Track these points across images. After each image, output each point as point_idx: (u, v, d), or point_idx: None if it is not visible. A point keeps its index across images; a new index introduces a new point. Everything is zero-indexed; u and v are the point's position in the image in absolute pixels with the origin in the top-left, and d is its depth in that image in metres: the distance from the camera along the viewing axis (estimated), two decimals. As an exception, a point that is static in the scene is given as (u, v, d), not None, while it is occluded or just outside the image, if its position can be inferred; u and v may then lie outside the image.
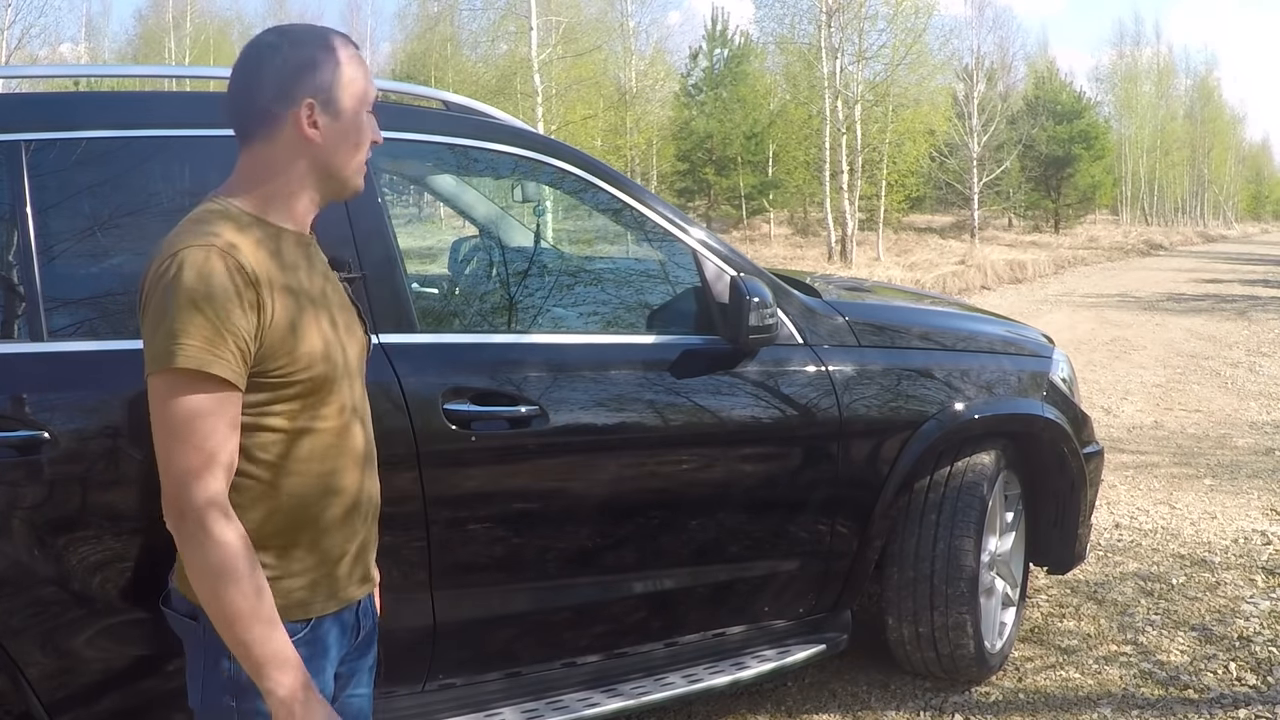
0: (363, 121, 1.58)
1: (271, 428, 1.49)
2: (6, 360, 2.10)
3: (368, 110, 1.58)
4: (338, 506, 1.56)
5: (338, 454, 1.55)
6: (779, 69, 30.29)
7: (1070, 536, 3.55)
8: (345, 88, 1.55)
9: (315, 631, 1.55)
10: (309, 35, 1.56)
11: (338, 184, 1.59)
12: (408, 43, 36.47)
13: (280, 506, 1.51)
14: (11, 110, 2.35)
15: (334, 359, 1.54)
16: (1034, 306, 15.27)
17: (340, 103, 1.54)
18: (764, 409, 2.82)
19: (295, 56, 1.53)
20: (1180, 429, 7.28)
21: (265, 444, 1.49)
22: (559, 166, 2.75)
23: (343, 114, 1.55)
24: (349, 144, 1.56)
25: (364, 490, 1.61)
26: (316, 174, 1.56)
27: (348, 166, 1.58)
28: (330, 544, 1.56)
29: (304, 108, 1.52)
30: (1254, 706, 3.23)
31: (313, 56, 1.53)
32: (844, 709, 3.23)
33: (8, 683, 2.08)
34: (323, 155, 1.55)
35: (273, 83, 1.51)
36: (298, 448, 1.51)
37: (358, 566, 1.62)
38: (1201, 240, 43.88)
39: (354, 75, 1.56)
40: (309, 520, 1.54)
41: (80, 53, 35.36)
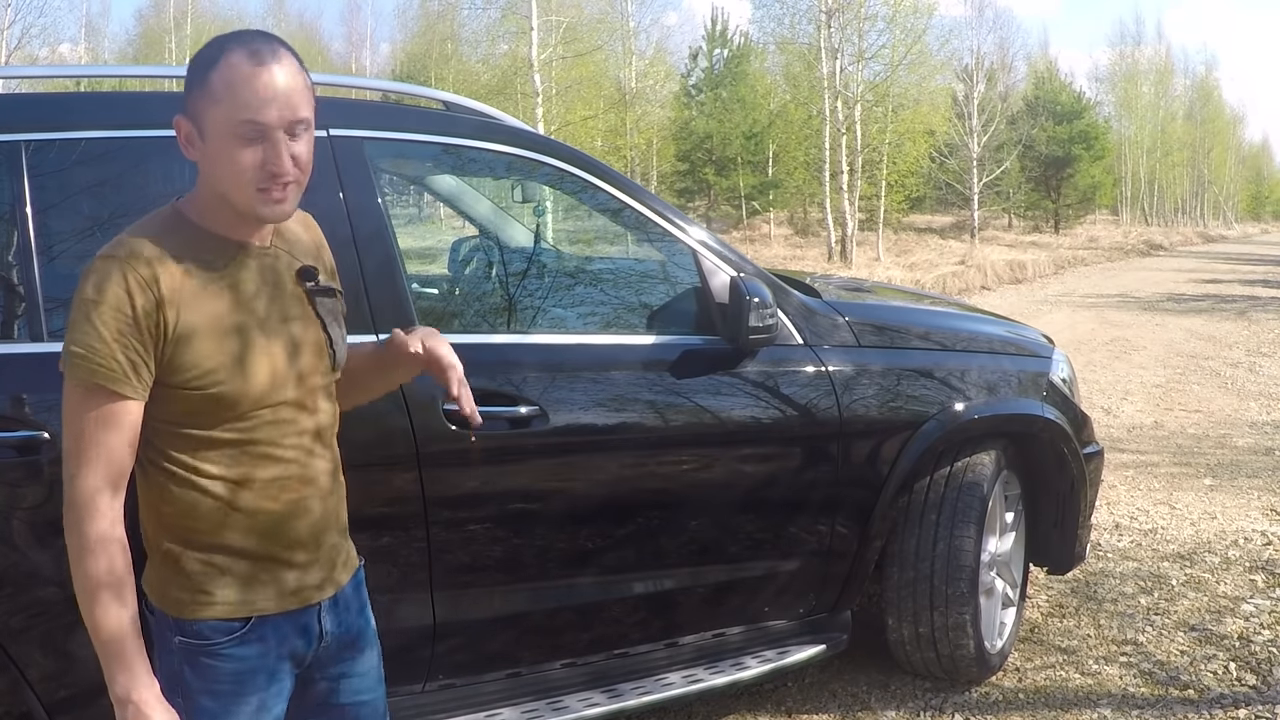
0: (234, 153, 1.43)
1: (188, 435, 1.50)
2: (6, 360, 2.10)
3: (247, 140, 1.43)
4: (272, 517, 1.55)
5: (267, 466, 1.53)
6: (779, 69, 30.33)
7: (1070, 537, 3.55)
8: (210, 111, 1.43)
9: (257, 630, 1.55)
10: (210, 47, 1.47)
11: (239, 209, 1.49)
12: (408, 43, 36.51)
13: (201, 508, 1.51)
14: (11, 110, 2.35)
15: (246, 378, 1.49)
16: (1034, 307, 15.27)
17: (205, 126, 1.45)
18: (764, 409, 2.82)
19: (190, 65, 1.47)
20: (1180, 429, 7.28)
21: (184, 448, 1.50)
22: (558, 167, 2.75)
23: (208, 138, 1.45)
24: (221, 172, 1.46)
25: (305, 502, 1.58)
26: (215, 193, 1.49)
27: (233, 196, 1.47)
28: (269, 548, 1.55)
29: (179, 125, 1.48)
30: (1254, 706, 3.23)
31: (194, 71, 1.45)
32: (844, 709, 3.23)
33: (8, 683, 2.08)
34: (207, 175, 1.49)
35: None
36: (220, 456, 1.51)
37: (313, 570, 1.60)
38: (1201, 240, 43.87)
39: (224, 99, 1.42)
40: (242, 524, 1.53)
41: (80, 53, 35.36)
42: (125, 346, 1.41)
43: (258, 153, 1.44)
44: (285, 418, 1.54)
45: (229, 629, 1.53)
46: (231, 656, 1.53)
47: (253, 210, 1.48)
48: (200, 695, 1.53)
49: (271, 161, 1.44)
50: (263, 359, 1.51)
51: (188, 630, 1.52)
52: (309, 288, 1.60)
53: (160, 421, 1.49)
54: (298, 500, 1.57)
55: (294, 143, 1.46)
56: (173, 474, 1.51)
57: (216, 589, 1.52)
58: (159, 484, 1.52)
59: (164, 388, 1.46)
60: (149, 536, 1.55)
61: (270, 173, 1.45)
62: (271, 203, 1.47)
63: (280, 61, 1.45)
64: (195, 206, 1.52)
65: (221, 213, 1.51)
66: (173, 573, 1.53)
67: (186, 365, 1.46)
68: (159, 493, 1.52)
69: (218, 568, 1.53)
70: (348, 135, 2.43)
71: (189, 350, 1.46)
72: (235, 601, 1.53)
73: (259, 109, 1.42)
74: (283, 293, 1.57)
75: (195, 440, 1.50)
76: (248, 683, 1.54)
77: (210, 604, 1.52)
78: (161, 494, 1.52)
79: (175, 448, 1.50)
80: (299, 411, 1.56)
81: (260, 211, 1.48)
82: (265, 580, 1.55)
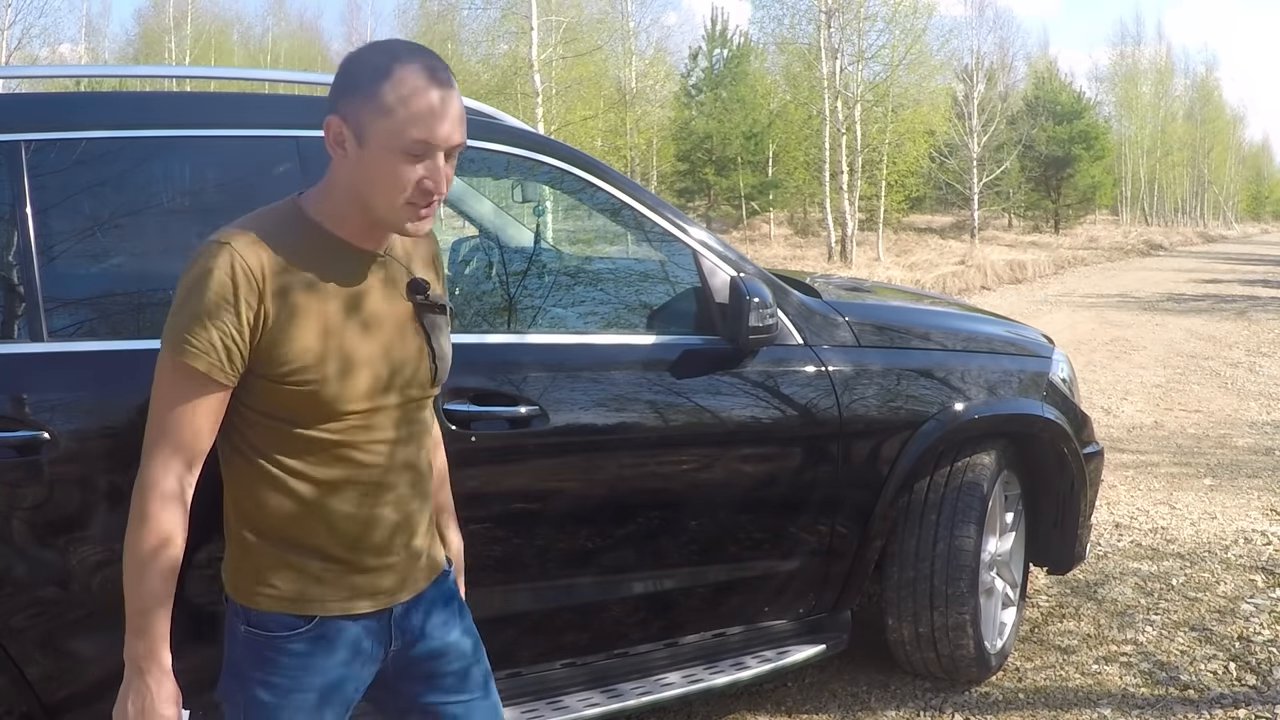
0: (396, 167, 1.44)
1: (283, 430, 1.51)
2: (6, 360, 2.10)
3: (414, 157, 1.44)
4: (353, 521, 1.56)
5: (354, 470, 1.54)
6: (779, 69, 30.31)
7: (1070, 537, 3.55)
8: (377, 120, 1.43)
9: (320, 629, 1.55)
10: (379, 54, 1.46)
11: (376, 217, 1.50)
12: (408, 43, 36.40)
13: (284, 504, 1.53)
14: (11, 110, 2.35)
15: (341, 381, 1.50)
16: (1034, 307, 15.27)
17: (367, 134, 1.44)
18: (764, 409, 2.82)
19: (349, 68, 1.47)
20: (1180, 429, 7.28)
21: (277, 443, 1.52)
22: (558, 166, 2.75)
23: (367, 145, 1.44)
24: (374, 182, 1.46)
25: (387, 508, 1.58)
26: (353, 199, 1.50)
27: (378, 205, 1.47)
28: (342, 551, 1.56)
29: (331, 123, 1.47)
30: (1254, 706, 3.23)
31: (360, 75, 1.45)
32: (844, 709, 3.23)
33: (8, 683, 2.08)
34: (351, 180, 1.48)
35: (332, 87, 1.49)
36: (311, 455, 1.52)
37: (386, 575, 1.60)
38: (1201, 240, 43.87)
39: (397, 113, 1.42)
40: (318, 524, 1.54)
41: (80, 53, 35.36)
42: (222, 332, 1.43)
43: (418, 170, 1.45)
44: (378, 424, 1.55)
45: (292, 624, 1.54)
46: (292, 652, 1.54)
47: (397, 223, 1.49)
48: (256, 686, 1.55)
49: (432, 181, 1.46)
50: (363, 365, 1.52)
51: (253, 619, 1.55)
52: (417, 300, 1.60)
53: (252, 412, 1.50)
54: (376, 506, 1.57)
55: (447, 165, 1.48)
56: (257, 466, 1.52)
57: (285, 583, 1.54)
58: (242, 474, 1.54)
59: (260, 379, 1.48)
60: (229, 524, 1.58)
61: (426, 190, 1.46)
62: (418, 219, 1.49)
63: (453, 85, 1.48)
64: (319, 206, 1.53)
65: (351, 217, 1.51)
66: (245, 562, 1.55)
67: (284, 359, 1.47)
68: (240, 483, 1.54)
69: (288, 563, 1.54)
70: (348, 135, 2.42)
71: (289, 345, 1.47)
72: (302, 598, 1.55)
73: (433, 130, 1.43)
74: (391, 302, 1.57)
75: (284, 436, 1.51)
76: (304, 679, 1.55)
77: (277, 597, 1.54)
78: (243, 485, 1.54)
79: (263, 441, 1.52)
80: (393, 420, 1.57)
81: (405, 226, 1.49)
82: (334, 581, 1.56)
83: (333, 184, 1.52)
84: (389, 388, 1.55)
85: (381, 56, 1.45)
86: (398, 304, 1.58)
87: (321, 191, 1.54)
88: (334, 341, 1.50)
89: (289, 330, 1.47)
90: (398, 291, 1.58)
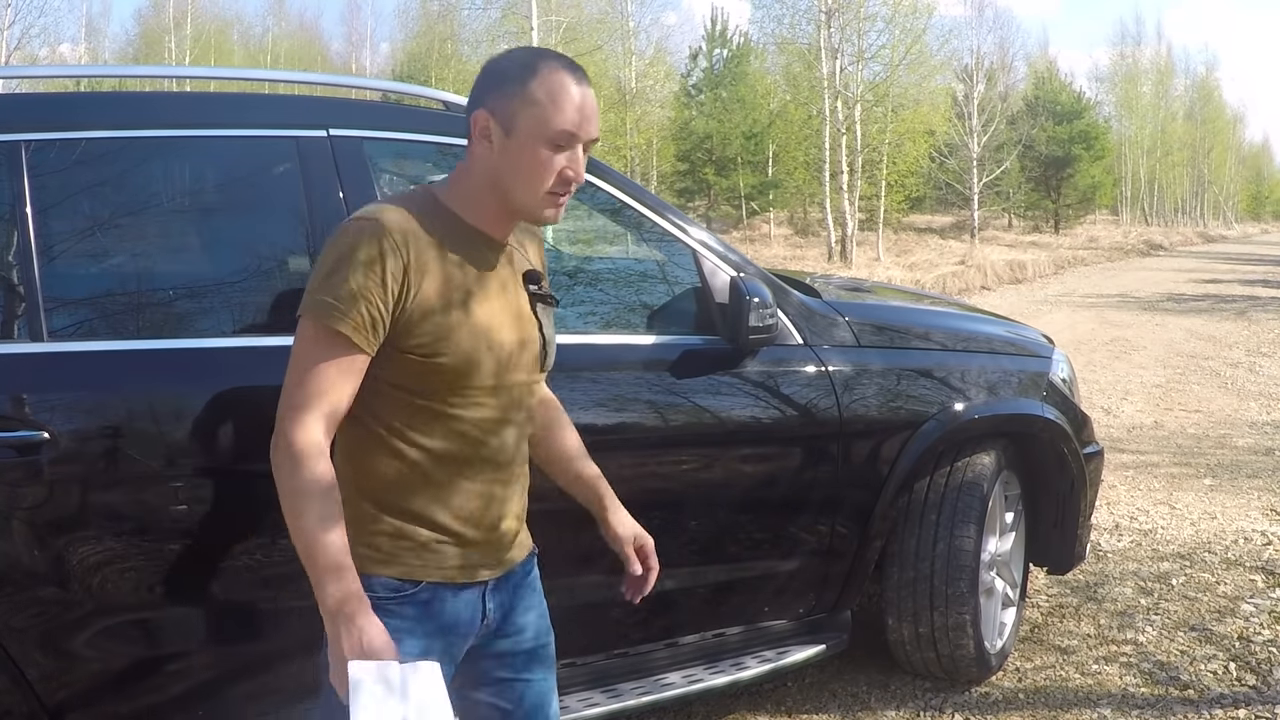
0: (540, 155, 1.56)
1: (406, 401, 1.59)
2: (6, 360, 2.10)
3: (557, 146, 1.56)
4: (462, 493, 1.64)
5: (468, 445, 1.62)
6: (779, 69, 30.31)
7: (1070, 537, 3.55)
8: (525, 111, 1.55)
9: (426, 595, 1.62)
10: (526, 55, 1.60)
11: (516, 206, 1.61)
12: (408, 43, 36.48)
13: (399, 472, 1.60)
14: (11, 110, 2.35)
15: (471, 361, 1.59)
16: (1034, 307, 15.27)
17: (515, 125, 1.55)
18: (764, 409, 2.82)
19: (498, 67, 1.60)
20: (1180, 429, 7.28)
21: (399, 413, 1.59)
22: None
23: (515, 135, 1.56)
24: (519, 170, 1.57)
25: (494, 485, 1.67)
26: (494, 188, 1.60)
27: (521, 193, 1.59)
28: (450, 522, 1.63)
29: (479, 117, 1.58)
30: (1254, 706, 3.23)
31: (510, 71, 1.57)
32: (844, 709, 3.23)
33: (8, 683, 2.08)
34: (495, 171, 1.59)
35: (474, 87, 1.61)
36: (429, 427, 1.60)
37: (485, 550, 1.68)
38: (1201, 240, 43.88)
39: (545, 105, 1.54)
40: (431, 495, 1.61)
41: (80, 53, 35.37)
42: (369, 303, 1.51)
43: (560, 159, 1.57)
44: (494, 404, 1.64)
45: (399, 588, 1.60)
46: (397, 614, 1.58)
47: (536, 211, 1.60)
48: None
49: (573, 170, 1.59)
50: (489, 346, 1.61)
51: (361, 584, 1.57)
52: (532, 290, 1.71)
53: (380, 382, 1.57)
54: (483, 482, 1.66)
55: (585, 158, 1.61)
56: (376, 434, 1.60)
57: (394, 548, 1.60)
58: (360, 441, 1.61)
59: (395, 350, 1.56)
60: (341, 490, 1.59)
61: (567, 179, 1.58)
62: (555, 207, 1.61)
63: (590, 84, 1.61)
64: (454, 194, 1.63)
65: (487, 205, 1.62)
66: (358, 528, 1.59)
67: (421, 332, 1.55)
68: (357, 449, 1.61)
69: (398, 529, 1.61)
70: (347, 135, 2.43)
71: (427, 320, 1.55)
72: (410, 563, 1.61)
73: (579, 123, 1.57)
74: (513, 289, 1.68)
75: (410, 408, 1.59)
76: (406, 642, 1.58)
77: (387, 562, 1.60)
78: (359, 451, 1.61)
79: (386, 410, 1.59)
80: (507, 401, 1.66)
81: (543, 213, 1.61)
82: (440, 550, 1.63)
83: (470, 174, 1.62)
84: (507, 369, 1.65)
85: (527, 56, 1.60)
86: (517, 292, 1.68)
87: (454, 183, 1.64)
88: (467, 322, 1.59)
89: (428, 307, 1.55)
90: (516, 280, 1.69)
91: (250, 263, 2.41)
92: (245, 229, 2.46)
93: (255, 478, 2.23)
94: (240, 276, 2.39)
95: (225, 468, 2.20)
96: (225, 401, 2.20)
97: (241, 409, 2.20)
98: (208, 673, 2.25)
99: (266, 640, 2.31)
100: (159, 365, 2.19)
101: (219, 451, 2.20)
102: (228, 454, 2.20)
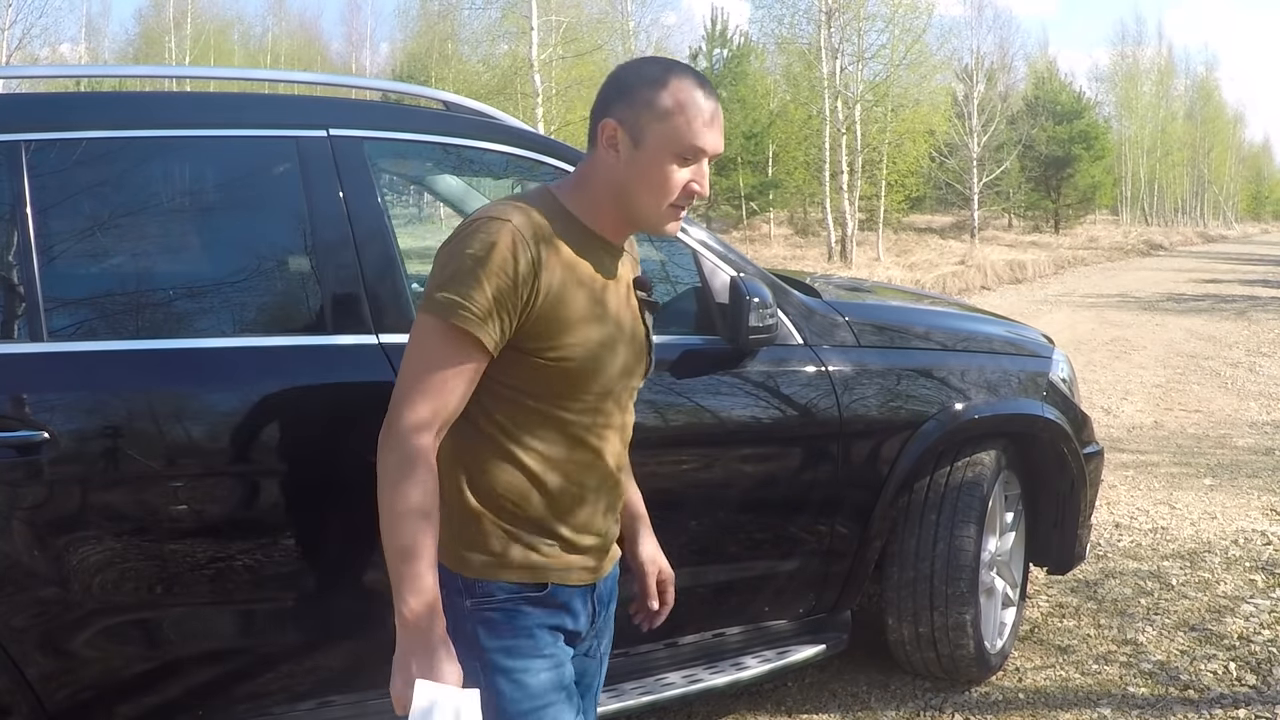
0: (668, 168, 1.55)
1: (520, 402, 1.57)
2: (6, 360, 2.10)
3: (685, 160, 1.55)
4: (573, 497, 1.63)
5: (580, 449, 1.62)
6: (779, 69, 30.30)
7: (1070, 537, 3.55)
8: (655, 124, 1.54)
9: (550, 597, 1.61)
10: (657, 66, 1.59)
11: (639, 216, 1.60)
12: (408, 43, 36.50)
13: (512, 475, 1.58)
14: (11, 110, 2.35)
15: (595, 363, 1.59)
16: (1034, 307, 15.27)
17: (644, 137, 1.54)
18: (764, 409, 2.82)
19: (626, 77, 1.59)
20: (1180, 429, 7.28)
21: (513, 414, 1.57)
22: (558, 167, 2.75)
23: (644, 148, 1.55)
24: (646, 182, 1.56)
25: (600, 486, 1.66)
26: (618, 198, 1.59)
27: (645, 204, 1.58)
28: (564, 526, 1.62)
29: (607, 126, 1.57)
30: (1253, 706, 3.23)
31: (637, 83, 1.56)
32: (844, 709, 3.23)
33: (8, 683, 2.08)
34: (620, 180, 1.57)
35: (601, 94, 1.60)
36: (542, 429, 1.58)
37: (595, 553, 1.68)
38: (1201, 240, 43.89)
39: (676, 119, 1.53)
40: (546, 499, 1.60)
41: (80, 53, 35.36)
42: (498, 303, 1.49)
43: (686, 174, 1.56)
44: (607, 409, 1.64)
45: (522, 590, 1.59)
46: (527, 614, 1.58)
47: (658, 223, 1.59)
48: (497, 654, 1.57)
49: (698, 184, 1.57)
50: (610, 351, 1.61)
51: (479, 590, 1.57)
52: (640, 297, 1.71)
53: (498, 384, 1.56)
54: (597, 486, 1.65)
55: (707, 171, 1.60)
56: (491, 439, 1.58)
57: (513, 552, 1.59)
58: (475, 446, 1.58)
59: (517, 352, 1.54)
60: (448, 496, 1.58)
61: (692, 193, 1.57)
62: (675, 219, 1.60)
63: (718, 98, 1.60)
64: (576, 199, 1.61)
65: (608, 213, 1.61)
66: (473, 534, 1.58)
67: (547, 334, 1.54)
68: (471, 454, 1.58)
69: (514, 534, 1.59)
70: (347, 135, 2.42)
71: (553, 322, 1.54)
72: (530, 566, 1.60)
73: (707, 138, 1.56)
74: (625, 294, 1.67)
75: (527, 411, 1.57)
76: (542, 641, 1.59)
77: (507, 567, 1.58)
78: (474, 456, 1.58)
79: (505, 413, 1.57)
80: (617, 406, 1.67)
81: (664, 225, 1.60)
82: (554, 553, 1.62)
83: (591, 182, 1.60)
84: (622, 375, 1.65)
85: (656, 68, 1.58)
86: (629, 297, 1.68)
87: (576, 187, 1.62)
88: (591, 326, 1.58)
89: (557, 309, 1.54)
90: (628, 285, 1.69)
91: (250, 263, 2.41)
92: (245, 229, 2.46)
93: (255, 477, 2.25)
94: (240, 276, 2.39)
95: (225, 468, 2.20)
96: (225, 401, 2.20)
97: (241, 409, 2.20)
98: (208, 673, 2.25)
99: (266, 640, 2.32)
100: (159, 365, 2.19)
101: (219, 451, 2.20)
102: (228, 454, 2.20)
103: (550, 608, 1.61)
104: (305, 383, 2.29)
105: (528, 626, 1.58)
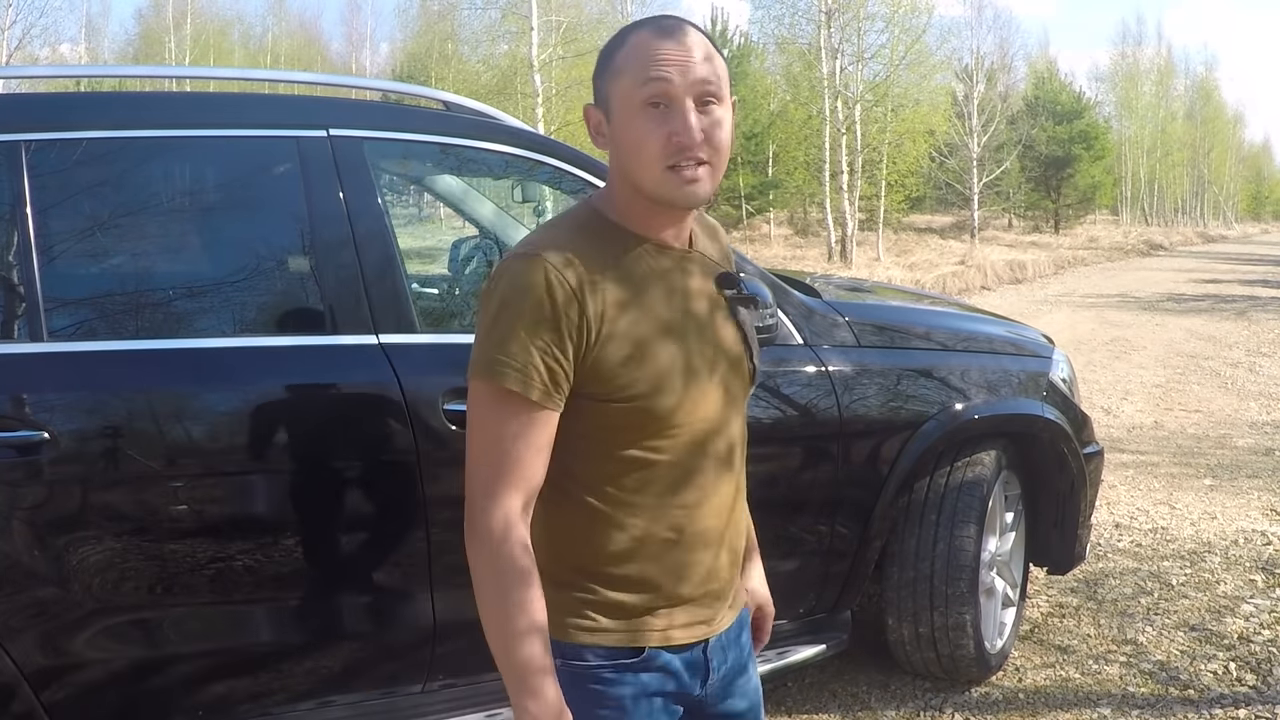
0: (642, 126, 1.33)
1: (605, 452, 1.38)
2: (6, 360, 2.10)
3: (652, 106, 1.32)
4: (672, 543, 1.42)
5: (682, 492, 1.42)
6: (779, 69, 30.30)
7: (1070, 537, 3.54)
8: (613, 84, 1.35)
9: (646, 661, 1.43)
10: (621, 31, 1.39)
11: (648, 194, 1.37)
12: (408, 43, 36.51)
13: (605, 534, 1.40)
14: (11, 110, 2.35)
15: (677, 391, 1.38)
16: (1034, 307, 15.27)
17: (611, 103, 1.36)
18: (763, 409, 2.82)
19: (599, 57, 1.40)
20: (1180, 429, 7.28)
21: (599, 467, 1.39)
22: (558, 167, 2.75)
23: (614, 115, 1.36)
24: (629, 150, 1.35)
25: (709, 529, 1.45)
26: (624, 183, 1.39)
27: (642, 177, 1.35)
28: (664, 581, 1.43)
29: (589, 114, 1.41)
30: (1253, 706, 3.23)
31: (602, 56, 1.38)
32: (844, 709, 3.23)
33: (8, 682, 2.08)
34: (617, 163, 1.39)
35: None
36: (635, 478, 1.39)
37: (706, 605, 1.47)
38: (1201, 240, 43.88)
39: (628, 69, 1.33)
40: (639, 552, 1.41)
41: (80, 53, 35.38)
42: (545, 352, 1.30)
43: (663, 123, 1.32)
44: (701, 437, 1.42)
45: (617, 655, 1.41)
46: (618, 682, 1.41)
47: (667, 194, 1.35)
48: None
49: (679, 132, 1.32)
50: (687, 370, 1.39)
51: (569, 653, 1.40)
52: (729, 295, 1.48)
53: (575, 437, 1.37)
54: (702, 530, 1.44)
55: (704, 116, 1.34)
56: (567, 491, 1.40)
57: (605, 616, 1.41)
58: (562, 507, 1.40)
59: (585, 400, 1.35)
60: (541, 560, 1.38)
61: (678, 145, 1.32)
62: (683, 183, 1.34)
63: (687, 33, 1.35)
64: (611, 202, 1.42)
65: (636, 206, 1.39)
66: (558, 595, 1.39)
67: (608, 374, 1.34)
68: (551, 510, 1.40)
69: (606, 595, 1.41)
70: (347, 135, 2.43)
71: (612, 357, 1.34)
72: (624, 630, 1.42)
73: (662, 69, 1.32)
74: (704, 300, 1.45)
75: (602, 457, 1.38)
76: (633, 711, 1.42)
77: (597, 630, 1.41)
78: (554, 512, 1.40)
79: (584, 468, 1.39)
80: (715, 430, 1.44)
81: (672, 194, 1.34)
82: (657, 612, 1.43)
83: (611, 181, 1.43)
84: (711, 393, 1.43)
85: (619, 34, 1.40)
86: (712, 301, 1.46)
87: (607, 190, 1.44)
88: (662, 348, 1.37)
89: (615, 341, 1.34)
90: (708, 288, 1.46)
91: (250, 263, 2.41)
92: (245, 229, 2.46)
93: (255, 477, 2.25)
94: (240, 277, 2.39)
95: (225, 468, 2.20)
96: (225, 401, 2.20)
97: (242, 409, 2.20)
98: (207, 673, 2.25)
99: (266, 640, 2.31)
100: (159, 365, 2.19)
101: (219, 451, 2.20)
102: (228, 454, 2.20)
103: (643, 673, 1.42)
104: (305, 383, 2.30)
105: (617, 693, 1.41)
